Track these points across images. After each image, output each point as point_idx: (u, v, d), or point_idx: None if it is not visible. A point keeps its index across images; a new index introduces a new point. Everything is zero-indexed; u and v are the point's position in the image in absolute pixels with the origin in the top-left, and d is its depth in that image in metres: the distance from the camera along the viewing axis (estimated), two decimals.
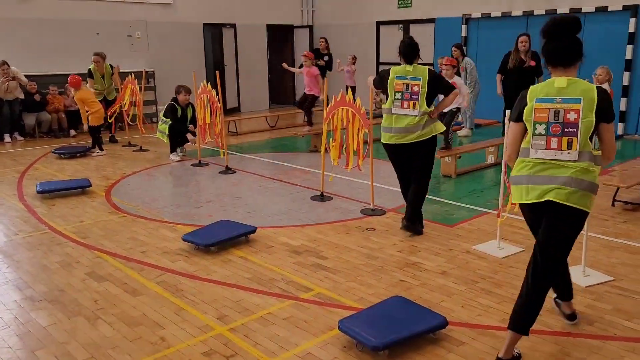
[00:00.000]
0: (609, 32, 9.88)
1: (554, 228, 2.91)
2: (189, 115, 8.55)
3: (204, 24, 13.23)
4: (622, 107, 9.79)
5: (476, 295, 3.84)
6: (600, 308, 3.63)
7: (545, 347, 3.18)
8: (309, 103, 10.36)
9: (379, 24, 13.71)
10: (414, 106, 4.73)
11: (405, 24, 13.16)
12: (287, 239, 5.00)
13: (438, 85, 4.86)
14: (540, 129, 2.87)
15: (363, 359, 3.09)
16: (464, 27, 11.82)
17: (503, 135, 4.52)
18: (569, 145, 2.82)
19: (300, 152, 9.20)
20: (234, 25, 13.77)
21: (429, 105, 4.80)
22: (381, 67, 13.78)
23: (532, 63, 8.76)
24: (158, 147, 9.39)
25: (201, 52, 13.32)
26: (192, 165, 8.18)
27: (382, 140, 5.01)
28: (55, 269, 4.42)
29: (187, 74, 10.80)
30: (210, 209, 5.98)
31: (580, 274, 4.05)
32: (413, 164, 4.94)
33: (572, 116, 2.82)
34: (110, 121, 9.80)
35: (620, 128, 9.83)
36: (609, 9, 9.80)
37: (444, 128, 5.01)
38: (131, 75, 9.36)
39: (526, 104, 2.94)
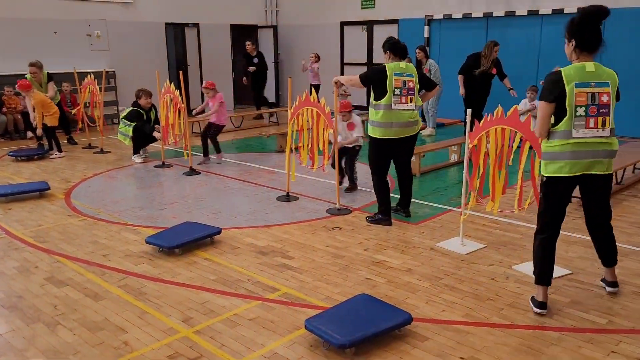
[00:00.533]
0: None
1: (597, 195, 3.53)
2: (153, 117, 8.42)
3: (166, 24, 13.04)
4: None
5: (440, 292, 3.90)
6: (559, 301, 3.74)
7: (508, 340, 3.26)
8: (213, 132, 8.33)
9: (343, 24, 13.79)
10: (411, 101, 5.06)
11: (369, 25, 13.27)
12: (253, 240, 4.97)
13: (424, 81, 5.25)
14: (581, 111, 3.25)
15: (330, 357, 3.10)
16: (426, 28, 11.99)
17: (465, 134, 4.61)
18: (603, 124, 3.30)
19: (266, 153, 9.16)
20: (197, 25, 13.61)
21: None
22: (346, 67, 13.87)
23: (494, 71, 9.01)
24: (119, 148, 9.21)
25: (163, 52, 13.12)
26: (155, 166, 8.05)
27: (376, 135, 5.11)
28: (13, 274, 4.28)
29: (149, 74, 10.61)
30: (174, 211, 5.89)
31: None
32: (400, 158, 5.34)
33: (604, 98, 3.28)
34: (80, 125, 9.54)
35: None
36: (564, 11, 10.11)
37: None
38: (90, 75, 9.13)
39: (563, 88, 3.24)
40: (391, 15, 12.70)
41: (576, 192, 6.10)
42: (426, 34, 11.98)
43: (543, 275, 3.56)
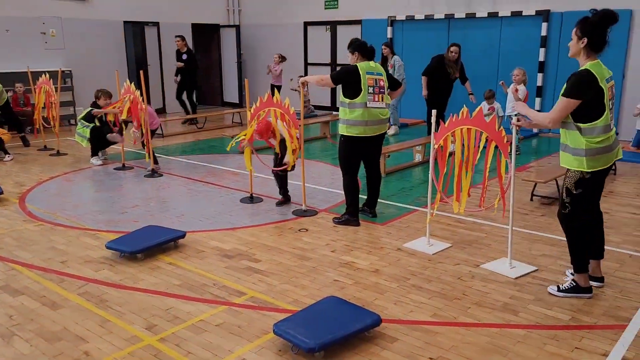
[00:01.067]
0: (524, 35, 10.45)
1: (604, 181, 3.72)
2: (111, 119, 8.15)
3: (125, 22, 12.72)
4: (537, 107, 10.37)
5: (408, 292, 3.90)
6: (524, 298, 3.80)
7: (476, 339, 3.28)
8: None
9: (306, 24, 13.75)
10: (382, 99, 5.14)
11: (333, 25, 13.28)
12: (218, 243, 4.88)
13: (389, 81, 5.26)
14: (610, 104, 3.48)
15: None
16: (389, 28, 12.08)
17: (429, 134, 4.64)
18: (614, 112, 3.61)
19: (230, 154, 9.01)
20: (157, 24, 13.33)
21: None
22: (310, 68, 13.84)
23: (456, 75, 9.14)
24: (77, 150, 8.92)
25: (122, 51, 12.80)
26: (115, 169, 7.82)
27: (352, 134, 5.11)
28: None
29: (108, 73, 10.35)
30: (136, 215, 5.73)
31: (507, 266, 4.23)
32: (370, 157, 5.37)
33: (614, 90, 3.59)
34: (37, 127, 9.16)
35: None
36: (523, 14, 10.35)
37: None
38: (45, 74, 8.81)
39: (599, 86, 3.39)
40: (354, 16, 12.74)
41: (540, 190, 6.18)
42: (389, 35, 12.06)
43: (588, 262, 3.81)
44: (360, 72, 5.02)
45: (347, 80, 5.09)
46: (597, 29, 3.42)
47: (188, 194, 6.53)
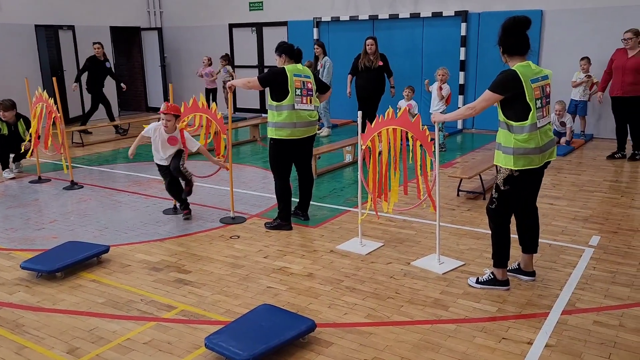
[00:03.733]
0: (445, 35, 10.78)
1: (541, 178, 3.88)
2: (21, 130, 7.61)
3: (37, 26, 12.00)
4: (460, 104, 10.74)
5: (341, 294, 3.90)
6: (453, 293, 3.89)
7: (409, 337, 3.32)
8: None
9: (232, 26, 13.55)
10: (310, 101, 5.14)
11: (258, 27, 13.16)
12: (145, 256, 4.68)
13: (318, 84, 5.29)
14: (538, 103, 3.57)
15: None
16: (315, 30, 12.11)
17: (357, 134, 4.67)
18: (548, 111, 3.70)
19: None
20: (72, 27, 12.67)
21: None
22: (237, 70, 13.63)
23: (380, 63, 9.25)
24: None
25: (34, 56, 12.05)
26: (31, 182, 7.34)
27: (282, 136, 5.06)
28: None
29: (19, 81, 9.69)
30: (55, 230, 5.40)
31: (435, 262, 4.32)
32: (301, 159, 5.33)
33: (548, 89, 3.69)
34: None
35: (460, 123, 10.77)
36: (443, 14, 10.68)
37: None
38: None
39: (521, 85, 3.50)
40: (280, 18, 12.68)
41: (466, 185, 6.36)
42: (315, 36, 12.09)
43: (507, 257, 3.91)
44: (288, 74, 4.99)
45: (274, 82, 5.04)
46: (508, 35, 3.61)
47: (111, 206, 6.23)
